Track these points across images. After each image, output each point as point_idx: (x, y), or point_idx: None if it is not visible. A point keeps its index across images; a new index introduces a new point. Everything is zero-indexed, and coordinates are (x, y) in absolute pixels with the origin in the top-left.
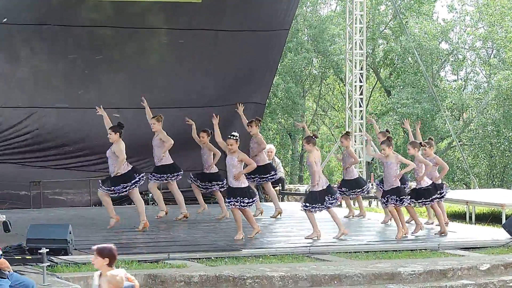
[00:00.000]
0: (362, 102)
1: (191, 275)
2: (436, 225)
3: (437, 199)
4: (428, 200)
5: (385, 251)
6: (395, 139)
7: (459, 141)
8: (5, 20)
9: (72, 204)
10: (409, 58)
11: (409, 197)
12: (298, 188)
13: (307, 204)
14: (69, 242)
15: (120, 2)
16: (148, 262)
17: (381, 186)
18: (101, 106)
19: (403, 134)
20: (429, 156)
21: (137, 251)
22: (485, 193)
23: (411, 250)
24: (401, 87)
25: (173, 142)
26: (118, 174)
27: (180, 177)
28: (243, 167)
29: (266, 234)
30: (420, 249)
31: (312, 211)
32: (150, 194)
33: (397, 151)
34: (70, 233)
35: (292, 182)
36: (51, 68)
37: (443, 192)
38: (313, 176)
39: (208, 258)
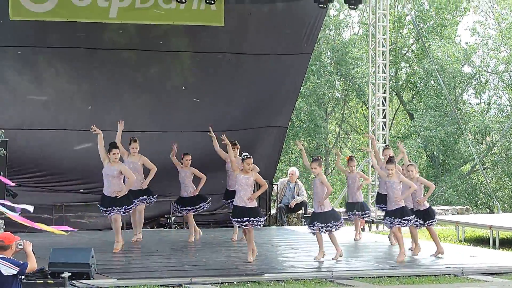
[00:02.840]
0: (385, 125)
1: None
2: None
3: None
4: (434, 221)
5: (409, 276)
6: (418, 163)
7: (482, 165)
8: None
9: (94, 227)
10: (432, 81)
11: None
12: None
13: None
14: (91, 266)
15: (143, 25)
16: (170, 286)
17: (380, 206)
18: (94, 125)
19: (426, 157)
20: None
21: (159, 275)
22: (509, 218)
23: (435, 275)
24: (424, 110)
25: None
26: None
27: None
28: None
29: (289, 258)
30: (444, 274)
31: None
32: (173, 218)
33: (420, 175)
34: (93, 257)
35: None
36: (74, 89)
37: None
38: (327, 194)
39: (231, 282)
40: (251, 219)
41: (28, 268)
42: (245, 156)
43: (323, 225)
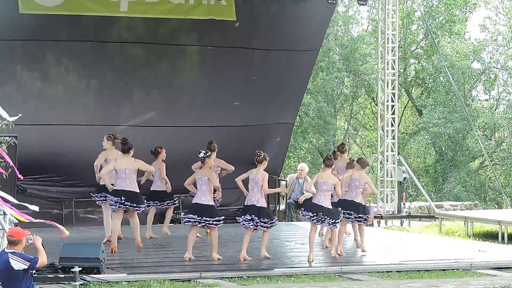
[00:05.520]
0: (394, 121)
1: None
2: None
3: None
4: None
5: (418, 270)
6: (426, 159)
7: (491, 161)
8: None
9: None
10: (441, 78)
11: None
12: None
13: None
14: (101, 261)
15: (152, 19)
16: (180, 281)
17: None
18: None
19: (434, 153)
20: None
21: (169, 270)
22: None
23: (443, 269)
24: (433, 106)
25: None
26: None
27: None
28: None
29: (298, 254)
30: (452, 269)
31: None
32: (182, 213)
33: (426, 171)
34: (103, 251)
35: None
36: (83, 85)
37: None
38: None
39: (240, 277)
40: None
41: (38, 262)
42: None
43: (324, 217)
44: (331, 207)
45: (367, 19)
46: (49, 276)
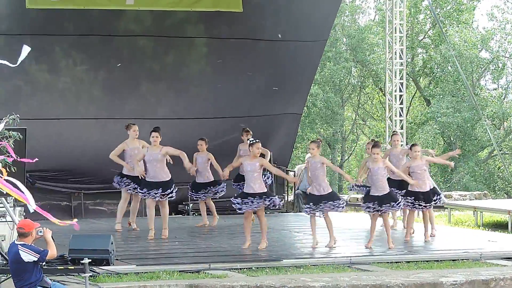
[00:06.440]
0: (402, 111)
1: (232, 286)
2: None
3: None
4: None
5: (427, 261)
6: (435, 149)
7: (500, 150)
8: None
9: (113, 214)
10: (449, 67)
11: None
12: None
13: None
14: (110, 253)
15: (159, 12)
16: (189, 272)
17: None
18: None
19: (443, 143)
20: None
21: (178, 261)
22: None
23: (453, 260)
24: (441, 96)
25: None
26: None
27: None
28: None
29: (307, 244)
30: (462, 259)
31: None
32: (191, 205)
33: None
34: (112, 243)
35: None
36: (91, 78)
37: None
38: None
39: (249, 268)
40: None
41: (48, 255)
42: (253, 141)
43: (321, 207)
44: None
45: (374, 9)
46: (58, 267)
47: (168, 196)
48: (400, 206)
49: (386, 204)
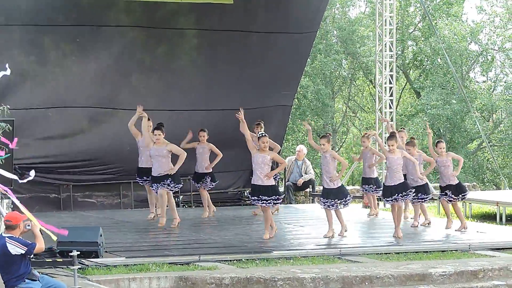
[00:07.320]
0: (392, 103)
1: (222, 277)
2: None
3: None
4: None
5: (416, 252)
6: (424, 141)
7: (489, 142)
8: None
9: (102, 207)
10: (439, 59)
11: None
12: None
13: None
14: (99, 245)
15: (150, 3)
16: (179, 264)
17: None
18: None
19: (432, 135)
20: (414, 155)
21: (168, 253)
22: None
23: (442, 251)
24: (431, 88)
25: None
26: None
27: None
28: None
29: (297, 236)
30: (451, 250)
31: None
32: (181, 197)
33: (425, 153)
34: (101, 235)
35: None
36: (81, 69)
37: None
38: (343, 169)
39: (239, 260)
40: (266, 197)
41: (36, 248)
42: (261, 135)
43: (335, 201)
44: None
45: (365, 1)
46: (47, 260)
47: (176, 187)
48: (412, 195)
49: (401, 192)
